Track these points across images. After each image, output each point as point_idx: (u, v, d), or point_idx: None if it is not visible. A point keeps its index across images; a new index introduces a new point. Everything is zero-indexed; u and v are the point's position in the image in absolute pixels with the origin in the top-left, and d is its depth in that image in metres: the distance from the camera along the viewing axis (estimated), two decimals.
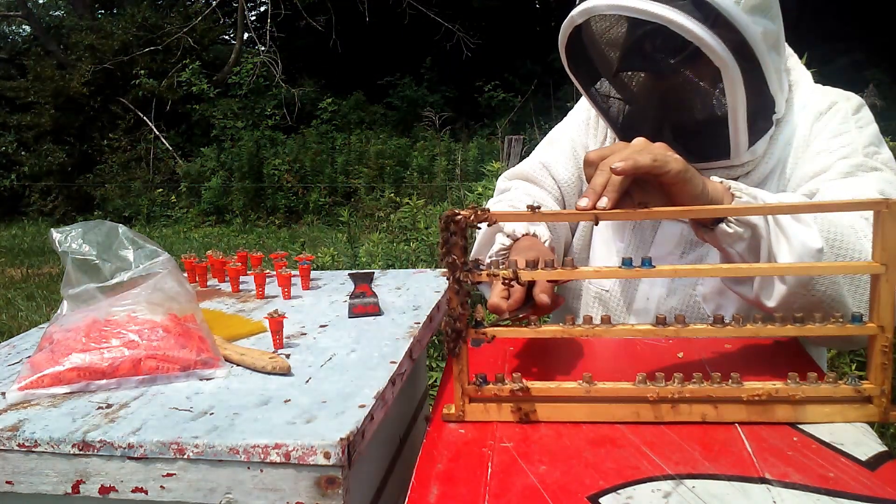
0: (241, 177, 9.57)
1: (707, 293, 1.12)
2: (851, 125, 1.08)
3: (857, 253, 0.89)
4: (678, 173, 0.81)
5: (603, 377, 0.77)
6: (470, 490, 0.64)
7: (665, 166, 0.80)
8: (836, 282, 0.88)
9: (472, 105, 11.40)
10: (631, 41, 1.06)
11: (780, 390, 0.74)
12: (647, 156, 0.80)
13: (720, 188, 0.87)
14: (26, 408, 0.73)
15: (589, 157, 0.84)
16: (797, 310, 0.77)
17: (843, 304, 0.89)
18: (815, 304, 0.88)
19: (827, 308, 0.86)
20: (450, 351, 0.76)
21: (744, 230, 0.87)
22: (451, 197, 6.14)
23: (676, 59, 1.02)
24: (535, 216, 0.77)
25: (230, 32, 12.60)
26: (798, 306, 0.87)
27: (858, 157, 1.03)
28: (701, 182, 0.84)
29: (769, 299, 0.89)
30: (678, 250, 1.15)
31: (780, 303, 0.89)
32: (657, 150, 0.82)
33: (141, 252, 0.87)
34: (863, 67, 8.55)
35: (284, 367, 0.79)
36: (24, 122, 10.65)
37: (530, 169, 1.28)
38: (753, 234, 0.87)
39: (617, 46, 1.09)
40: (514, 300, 0.88)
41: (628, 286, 1.19)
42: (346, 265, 3.12)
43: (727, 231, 0.87)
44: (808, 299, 0.88)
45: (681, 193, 0.83)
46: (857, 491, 0.62)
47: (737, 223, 0.87)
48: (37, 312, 5.08)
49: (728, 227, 0.87)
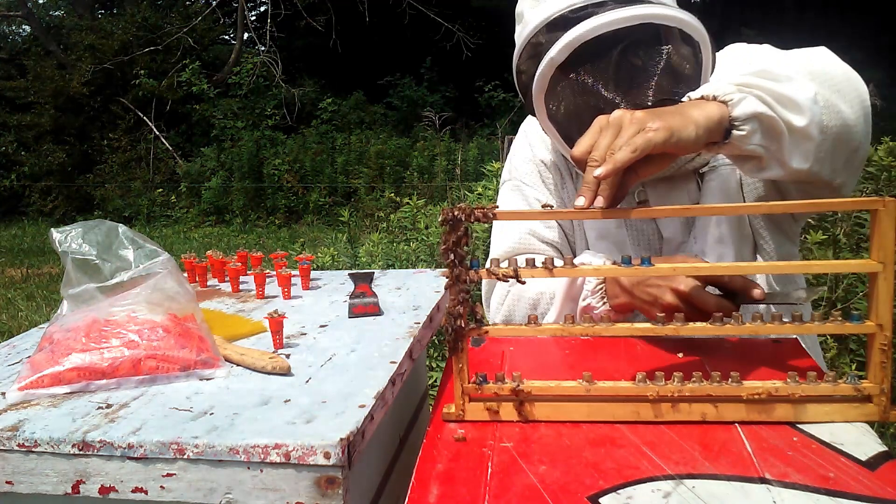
0: (241, 177, 9.57)
1: (706, 248, 1.12)
2: (742, 51, 1.18)
3: (825, 74, 0.96)
4: (665, 143, 0.79)
5: (603, 376, 0.77)
6: (470, 490, 0.64)
7: (647, 146, 0.78)
8: (837, 111, 0.94)
9: (472, 105, 11.39)
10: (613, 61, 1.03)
11: (779, 389, 0.74)
12: (626, 149, 0.78)
13: (711, 107, 0.86)
14: (26, 408, 0.73)
15: (574, 156, 0.83)
16: (826, 157, 0.90)
17: (850, 121, 0.95)
18: (836, 139, 0.94)
19: (845, 136, 0.95)
20: (450, 349, 0.76)
21: (752, 124, 0.88)
22: (451, 197, 6.14)
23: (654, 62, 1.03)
24: (543, 214, 0.78)
25: (230, 32, 12.61)
26: (825, 152, 0.94)
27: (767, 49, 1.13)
28: (692, 125, 0.82)
29: (801, 163, 0.93)
30: (689, 234, 1.14)
31: (813, 159, 0.93)
32: (634, 132, 0.80)
33: (141, 252, 0.87)
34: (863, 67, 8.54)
35: (284, 367, 0.79)
36: (24, 122, 10.65)
37: (518, 246, 1.24)
38: (761, 120, 0.88)
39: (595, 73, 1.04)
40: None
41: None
42: (346, 265, 3.12)
43: (741, 135, 0.88)
44: (830, 141, 0.93)
45: (678, 150, 0.82)
46: (857, 491, 0.62)
47: (743, 122, 0.87)
48: (37, 312, 5.08)
49: (739, 130, 0.87)
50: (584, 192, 0.79)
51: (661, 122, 0.80)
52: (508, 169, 1.31)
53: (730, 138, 0.87)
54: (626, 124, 0.81)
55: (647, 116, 0.81)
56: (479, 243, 2.81)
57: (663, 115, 0.81)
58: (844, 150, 0.96)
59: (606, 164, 0.77)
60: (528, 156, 1.27)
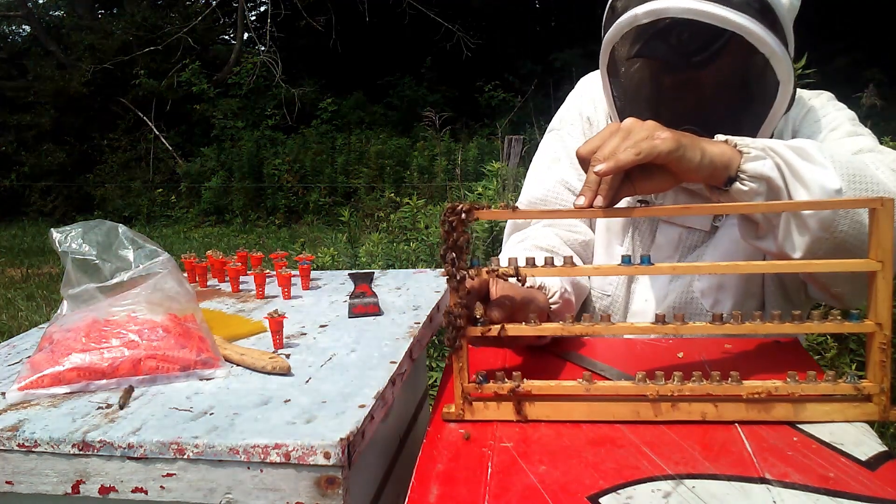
0: (241, 177, 9.57)
1: (705, 289, 1.12)
2: (830, 108, 1.13)
3: (876, 185, 0.88)
4: (669, 153, 0.79)
5: (602, 376, 0.77)
6: (470, 490, 0.64)
7: (652, 152, 0.78)
8: (858, 220, 0.86)
9: (472, 105, 11.38)
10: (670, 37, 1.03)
11: (779, 388, 0.74)
12: (630, 150, 0.78)
13: (727, 149, 0.85)
14: (26, 408, 0.73)
15: (579, 153, 0.83)
16: (823, 256, 0.78)
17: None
18: (841, 246, 0.87)
19: (854, 248, 0.86)
20: (450, 347, 0.76)
21: (758, 185, 0.85)
22: (451, 197, 6.14)
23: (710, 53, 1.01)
24: (543, 214, 0.77)
25: (230, 32, 12.60)
26: (824, 252, 0.87)
27: (847, 127, 1.08)
28: (699, 151, 0.82)
29: (794, 250, 0.88)
30: (677, 254, 1.15)
31: (806, 251, 0.87)
32: (642, 136, 0.80)
33: (141, 252, 0.87)
34: (863, 67, 8.55)
35: (284, 367, 0.79)
36: (24, 122, 10.65)
37: (548, 194, 1.23)
38: (769, 186, 0.86)
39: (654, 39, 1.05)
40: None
41: (627, 290, 1.19)
42: (346, 265, 3.12)
43: (742, 189, 0.85)
44: (833, 243, 0.87)
45: (679, 169, 0.82)
46: (857, 491, 0.62)
47: (750, 179, 0.85)
48: (37, 312, 5.08)
49: (742, 185, 0.85)
50: (584, 192, 0.79)
51: (670, 135, 0.80)
52: (558, 118, 1.32)
53: (730, 188, 0.86)
54: (637, 129, 0.81)
55: (658, 127, 0.82)
56: (479, 243, 2.81)
57: (674, 132, 0.82)
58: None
59: (608, 161, 0.78)
60: (577, 111, 1.28)
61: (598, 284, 1.22)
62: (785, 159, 0.86)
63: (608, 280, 1.20)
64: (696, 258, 1.13)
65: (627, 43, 1.06)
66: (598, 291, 1.22)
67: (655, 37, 1.04)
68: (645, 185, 0.82)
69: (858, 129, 1.08)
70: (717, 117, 1.04)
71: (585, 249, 1.22)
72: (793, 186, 0.86)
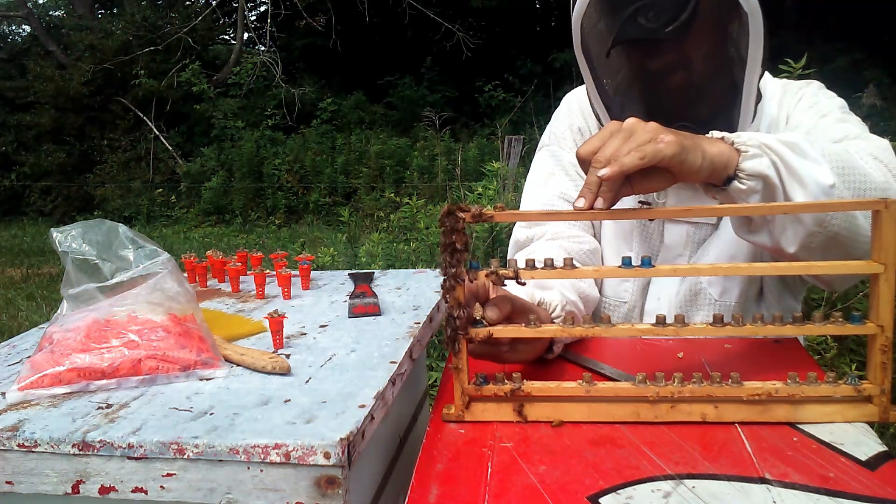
0: (241, 177, 9.57)
1: (713, 279, 1.14)
2: (822, 96, 1.15)
3: (863, 176, 0.90)
4: (672, 157, 0.79)
5: (603, 377, 0.77)
6: (470, 490, 0.64)
7: (656, 157, 0.78)
8: (851, 213, 0.88)
9: (472, 105, 11.39)
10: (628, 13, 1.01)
11: (779, 390, 0.74)
12: (634, 155, 0.77)
13: (725, 148, 0.86)
14: (26, 408, 0.73)
15: (579, 154, 0.82)
16: (817, 249, 0.79)
17: (862, 231, 0.89)
18: (833, 239, 0.88)
19: (846, 240, 0.88)
20: (450, 349, 0.76)
21: (755, 183, 0.86)
22: (451, 197, 6.14)
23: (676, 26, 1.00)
24: (543, 215, 0.77)
25: (230, 32, 12.60)
26: (817, 245, 0.88)
27: (837, 114, 1.10)
28: (700, 153, 0.82)
29: (788, 244, 0.90)
30: (687, 251, 1.16)
31: (800, 245, 0.89)
32: (645, 139, 0.79)
33: (141, 252, 0.87)
34: (863, 67, 8.54)
35: (284, 367, 0.79)
36: (24, 122, 10.66)
37: (547, 208, 1.23)
38: (766, 183, 0.87)
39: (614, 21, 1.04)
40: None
41: (643, 294, 1.20)
42: (346, 265, 3.12)
43: (740, 188, 0.86)
44: (826, 236, 0.88)
45: (680, 171, 0.81)
46: (857, 491, 0.62)
47: (748, 177, 0.86)
48: (37, 312, 5.08)
49: (740, 183, 0.86)
50: (584, 193, 0.78)
51: (673, 137, 0.80)
52: (547, 134, 1.32)
53: (728, 186, 0.86)
54: (639, 131, 0.80)
55: (661, 129, 0.81)
56: (478, 243, 2.81)
57: (676, 133, 0.81)
58: (841, 254, 0.90)
59: (612, 165, 0.77)
60: (567, 124, 1.29)
61: (612, 293, 1.22)
62: (780, 156, 0.87)
63: (623, 287, 1.20)
64: (705, 251, 1.15)
65: (603, 32, 1.06)
66: (613, 300, 1.21)
67: (627, 23, 1.02)
68: (643, 185, 0.82)
69: (847, 117, 1.10)
70: (704, 96, 1.06)
71: (592, 258, 1.22)
72: (788, 183, 0.87)
